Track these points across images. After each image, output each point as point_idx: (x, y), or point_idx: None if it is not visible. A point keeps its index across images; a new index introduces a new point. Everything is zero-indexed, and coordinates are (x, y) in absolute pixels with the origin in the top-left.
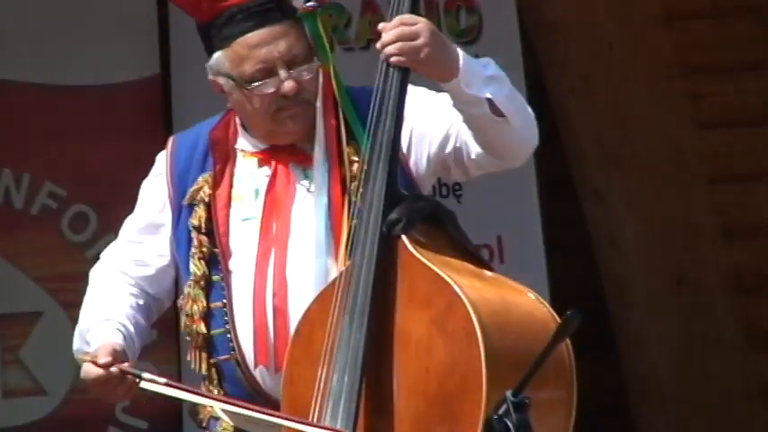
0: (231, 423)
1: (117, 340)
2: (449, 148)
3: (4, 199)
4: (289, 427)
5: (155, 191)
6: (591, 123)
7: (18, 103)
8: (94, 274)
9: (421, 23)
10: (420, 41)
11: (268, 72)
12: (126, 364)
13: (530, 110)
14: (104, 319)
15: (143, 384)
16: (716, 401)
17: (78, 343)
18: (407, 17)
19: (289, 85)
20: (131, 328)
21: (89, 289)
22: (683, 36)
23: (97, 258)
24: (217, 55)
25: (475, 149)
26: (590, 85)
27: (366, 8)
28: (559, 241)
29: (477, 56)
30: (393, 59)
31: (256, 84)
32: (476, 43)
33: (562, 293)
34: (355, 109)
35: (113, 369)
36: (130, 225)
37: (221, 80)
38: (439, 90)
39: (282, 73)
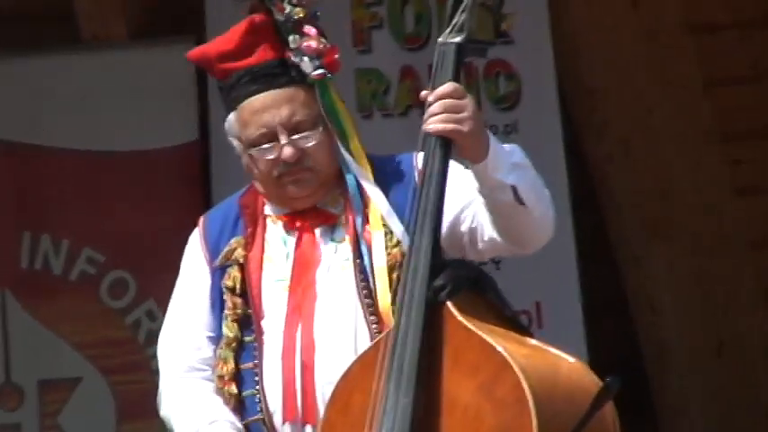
0: None
1: None
2: (464, 227)
3: (44, 265)
4: None
5: (191, 267)
6: (630, 189)
7: (57, 168)
8: (169, 383)
9: (467, 98)
10: (465, 115)
11: (270, 137)
12: None
13: (550, 200)
14: (210, 422)
15: None
16: None
17: None
18: (454, 90)
19: (287, 152)
20: (239, 425)
21: (173, 399)
22: (722, 101)
23: (136, 324)
24: (229, 117)
25: (489, 233)
26: (629, 151)
27: (405, 74)
28: (598, 306)
29: (516, 122)
30: (437, 128)
31: (257, 149)
32: (515, 109)
33: (600, 359)
34: (381, 181)
35: None
36: (177, 313)
37: (234, 142)
38: None
39: (283, 139)
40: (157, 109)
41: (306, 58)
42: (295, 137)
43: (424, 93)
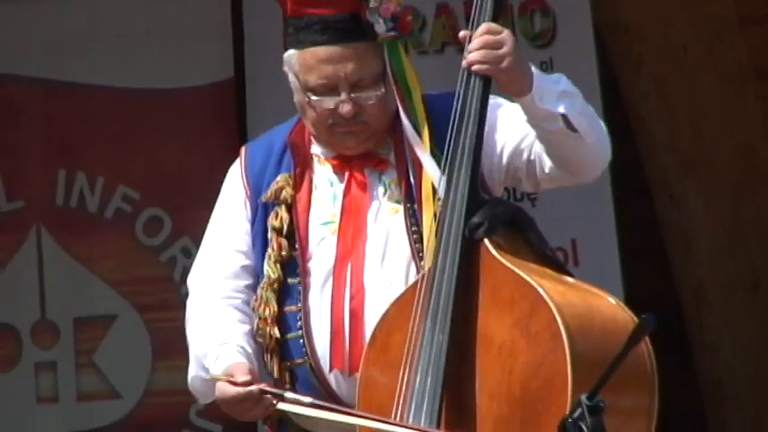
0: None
1: (244, 361)
2: (522, 161)
3: (79, 203)
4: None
5: (230, 198)
6: (665, 127)
7: (93, 106)
8: (194, 305)
9: (505, 33)
10: (504, 50)
11: (330, 89)
12: (263, 384)
13: (603, 125)
14: (221, 344)
15: (282, 405)
16: None
17: (195, 370)
18: (493, 26)
19: (346, 108)
20: (250, 352)
21: (193, 319)
22: (757, 39)
23: (171, 262)
24: (290, 52)
25: (548, 164)
26: (664, 88)
27: (440, 11)
28: (634, 244)
29: (551, 59)
30: (476, 67)
31: (316, 97)
32: (550, 46)
33: (637, 297)
34: (434, 122)
35: (253, 388)
36: (213, 241)
37: (290, 76)
38: None
39: (343, 94)
40: (193, 47)
41: (381, 20)
42: (355, 94)
43: (462, 32)
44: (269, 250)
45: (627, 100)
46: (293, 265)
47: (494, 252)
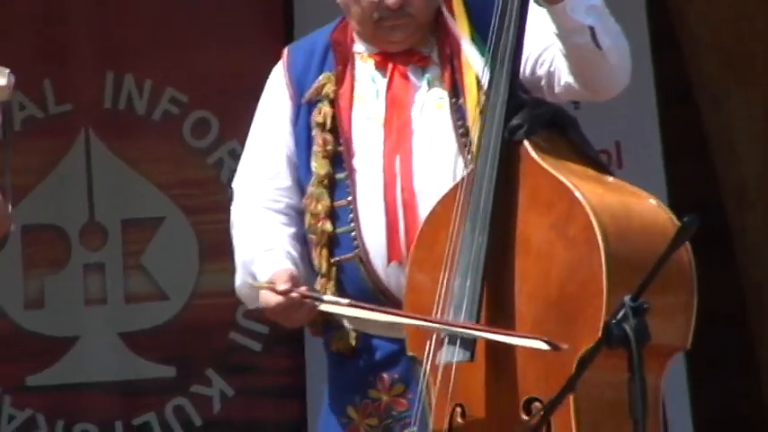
0: (353, 328)
1: (289, 266)
2: (543, 70)
3: (127, 105)
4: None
5: (273, 100)
6: (709, 30)
7: (140, 10)
8: (239, 210)
9: None
10: None
11: None
12: (303, 288)
13: (626, 47)
14: (267, 249)
15: (323, 307)
16: None
17: (242, 276)
18: None
19: (392, 0)
20: (296, 255)
21: (238, 226)
22: None
23: (218, 164)
24: None
25: (566, 78)
26: None
27: None
28: (677, 147)
29: None
30: None
31: None
32: None
33: (681, 199)
34: (473, 15)
35: (294, 294)
36: (256, 143)
37: None
38: None
39: None
40: None
41: None
42: None
43: None
44: (314, 147)
45: (670, 2)
46: (339, 160)
47: (533, 154)
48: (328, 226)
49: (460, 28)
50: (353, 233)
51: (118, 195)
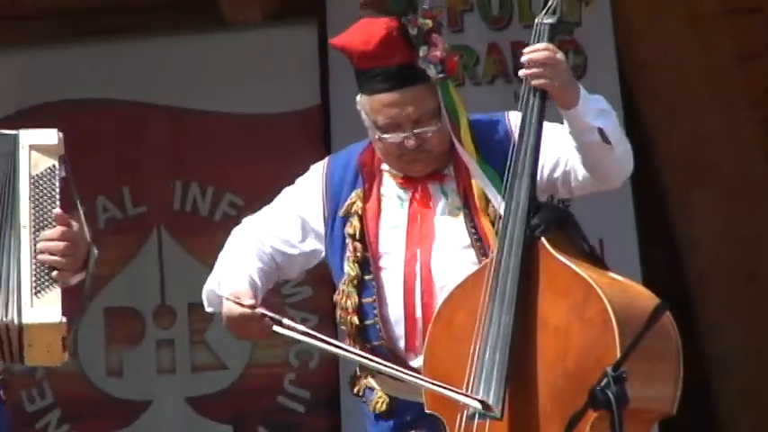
0: (386, 393)
1: (251, 288)
2: (559, 171)
3: (192, 207)
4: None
5: (311, 197)
6: (676, 146)
7: (202, 129)
8: (236, 233)
9: (561, 54)
10: (562, 67)
11: (396, 127)
12: (265, 309)
13: (628, 142)
14: (238, 271)
15: (277, 329)
16: None
17: (211, 284)
18: (551, 46)
19: (410, 143)
20: (258, 283)
21: (227, 246)
22: (754, 71)
23: None
24: (362, 98)
25: (581, 172)
26: (675, 115)
27: (491, 50)
28: (650, 243)
29: None
30: (536, 82)
31: (385, 136)
32: (581, 79)
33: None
34: (480, 141)
35: (257, 310)
36: (281, 205)
37: (362, 114)
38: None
39: (407, 131)
40: (285, 78)
41: (431, 65)
42: (417, 130)
43: (528, 48)
44: (347, 253)
45: (645, 123)
46: (367, 264)
47: (550, 249)
48: (355, 320)
49: (468, 152)
50: (378, 326)
51: (185, 282)
